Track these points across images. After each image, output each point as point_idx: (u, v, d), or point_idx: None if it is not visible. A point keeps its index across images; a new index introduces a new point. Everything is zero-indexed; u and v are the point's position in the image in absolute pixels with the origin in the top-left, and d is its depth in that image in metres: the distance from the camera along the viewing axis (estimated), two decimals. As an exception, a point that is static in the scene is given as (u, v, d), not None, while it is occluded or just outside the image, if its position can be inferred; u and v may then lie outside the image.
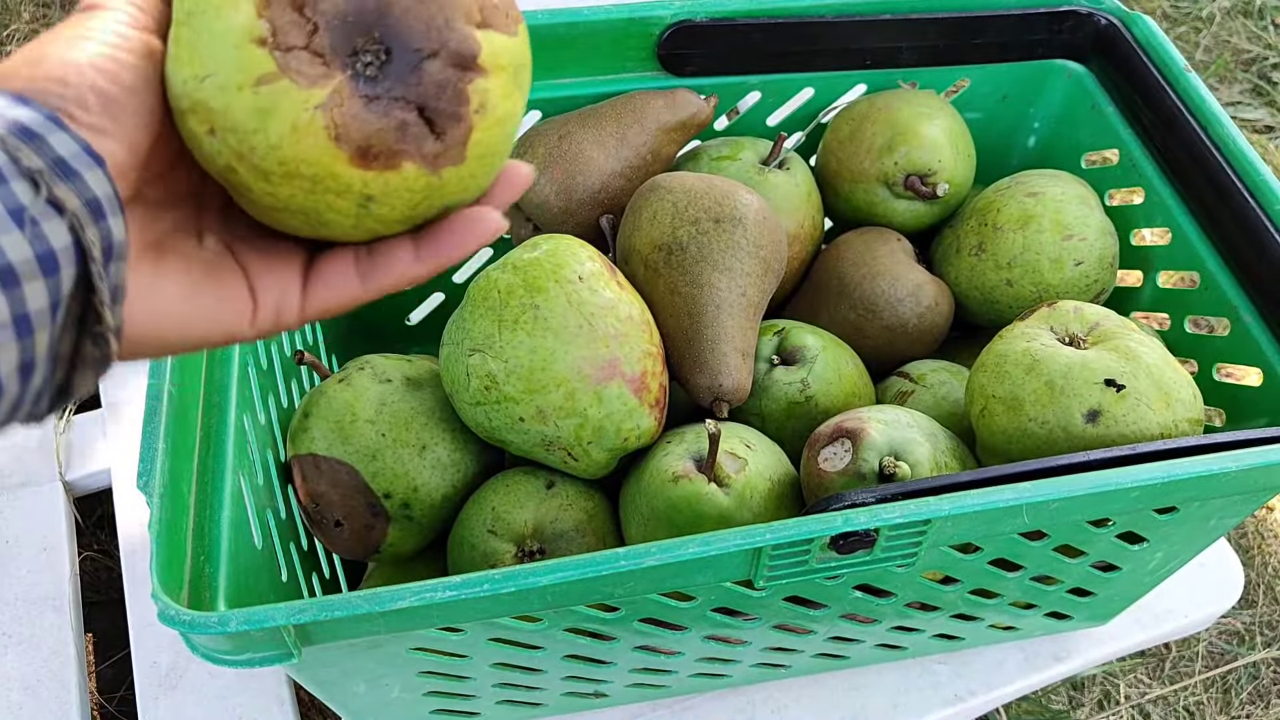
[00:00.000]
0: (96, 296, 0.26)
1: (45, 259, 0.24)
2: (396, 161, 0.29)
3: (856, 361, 0.62)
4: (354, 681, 0.49)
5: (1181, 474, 0.44)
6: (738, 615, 0.51)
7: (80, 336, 0.26)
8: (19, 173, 0.24)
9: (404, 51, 0.28)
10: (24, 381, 0.25)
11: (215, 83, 0.28)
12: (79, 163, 0.25)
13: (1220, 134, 0.59)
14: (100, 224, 0.26)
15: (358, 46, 0.28)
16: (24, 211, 0.24)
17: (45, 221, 0.24)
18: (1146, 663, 1.09)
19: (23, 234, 0.24)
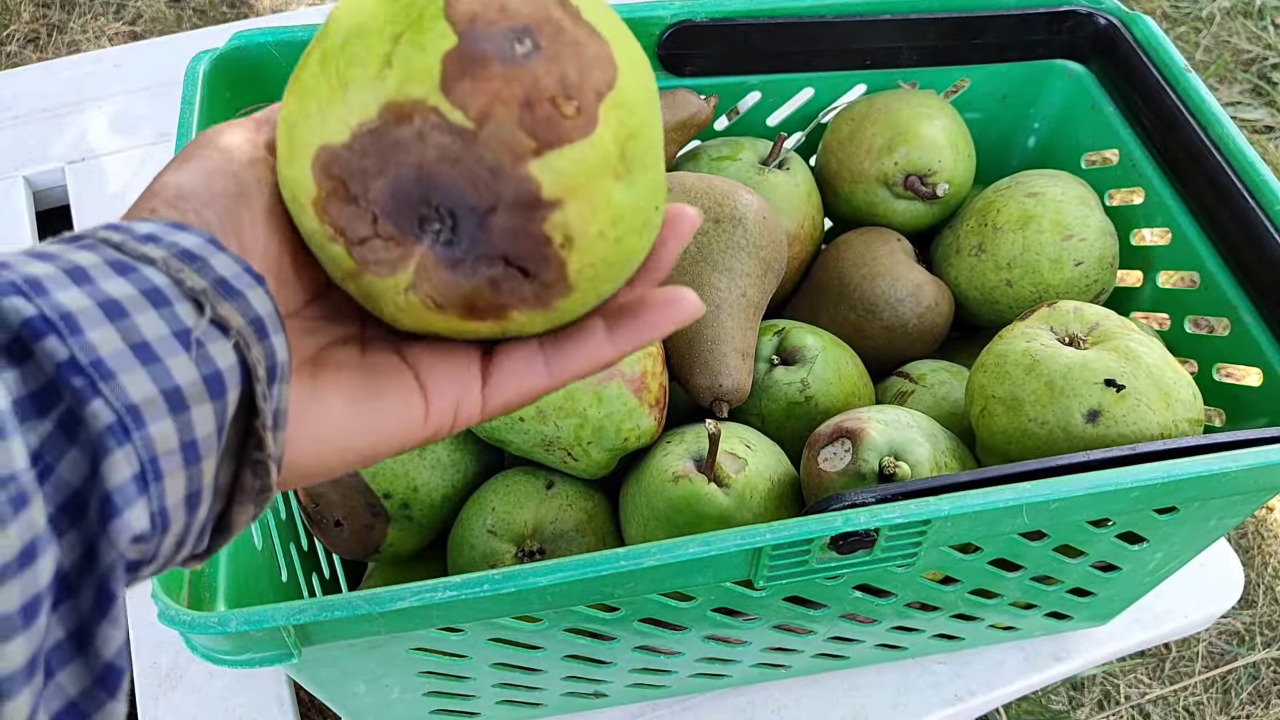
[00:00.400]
0: (259, 420, 0.25)
1: (212, 380, 0.23)
2: (504, 313, 0.28)
3: (856, 362, 0.62)
4: (354, 682, 0.49)
5: (1181, 474, 0.44)
6: (738, 615, 0.51)
7: (239, 466, 0.25)
8: (182, 294, 0.24)
9: (465, 212, 0.27)
10: (190, 513, 0.24)
11: (332, 275, 0.29)
12: (240, 282, 0.25)
13: (1220, 134, 0.59)
14: (264, 342, 0.25)
15: (424, 216, 0.27)
16: (189, 333, 0.23)
17: (210, 343, 0.24)
18: (1146, 663, 1.08)
19: (189, 356, 0.23)
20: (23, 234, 0.87)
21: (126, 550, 0.21)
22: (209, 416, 0.23)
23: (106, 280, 0.23)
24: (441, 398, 0.30)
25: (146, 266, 0.24)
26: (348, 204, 0.27)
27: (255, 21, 1.16)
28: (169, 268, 0.24)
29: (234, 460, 0.25)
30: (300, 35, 0.58)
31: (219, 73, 0.56)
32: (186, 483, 0.23)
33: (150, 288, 0.23)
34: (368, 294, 0.28)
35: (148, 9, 1.74)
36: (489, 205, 0.26)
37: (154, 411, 0.22)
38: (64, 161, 0.92)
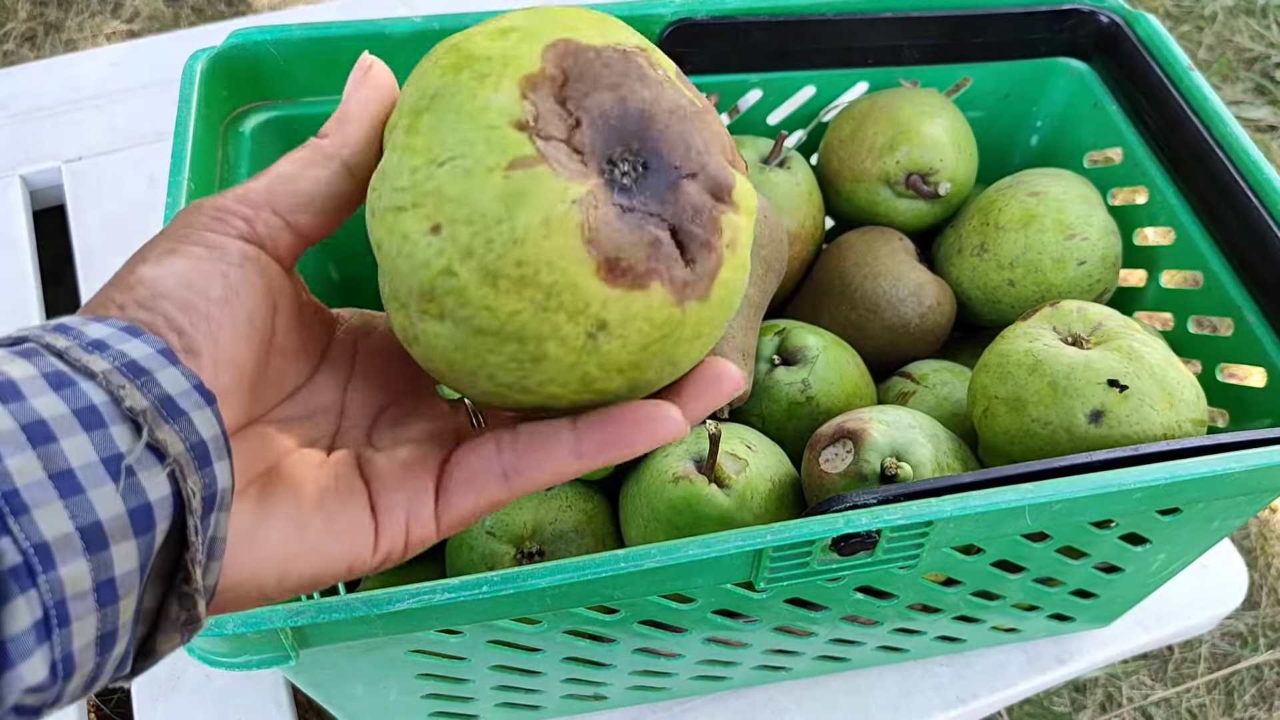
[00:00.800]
0: (189, 553, 0.23)
1: (138, 514, 0.21)
2: (646, 281, 0.26)
3: (858, 362, 0.62)
4: (352, 684, 0.49)
5: (1185, 475, 0.44)
6: (738, 617, 0.51)
7: (166, 593, 0.23)
8: (120, 415, 0.22)
9: (663, 168, 0.26)
10: (103, 653, 0.21)
11: (459, 166, 0.25)
12: (187, 402, 0.23)
13: (1223, 133, 0.59)
14: (204, 470, 0.23)
15: (614, 155, 0.26)
16: (120, 460, 0.21)
17: (143, 471, 0.22)
18: (1149, 664, 1.08)
19: (116, 486, 0.21)
20: (19, 234, 0.87)
21: (21, 699, 0.20)
22: (132, 553, 0.21)
23: (38, 396, 0.21)
24: (393, 521, 0.28)
25: (86, 381, 0.22)
26: (557, 102, 0.26)
27: (253, 19, 1.16)
28: (109, 383, 0.22)
29: (161, 585, 0.23)
30: (299, 33, 0.58)
31: (217, 71, 0.56)
32: (99, 623, 0.21)
33: (85, 406, 0.21)
34: (516, 193, 0.25)
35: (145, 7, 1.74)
36: (691, 171, 0.27)
37: (67, 551, 0.20)
38: (61, 161, 0.92)
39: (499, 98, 0.25)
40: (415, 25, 0.59)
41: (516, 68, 0.26)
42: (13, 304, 0.82)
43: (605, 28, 0.28)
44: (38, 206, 0.92)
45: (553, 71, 0.26)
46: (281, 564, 0.26)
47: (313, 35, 0.58)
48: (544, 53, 0.26)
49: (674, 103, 0.27)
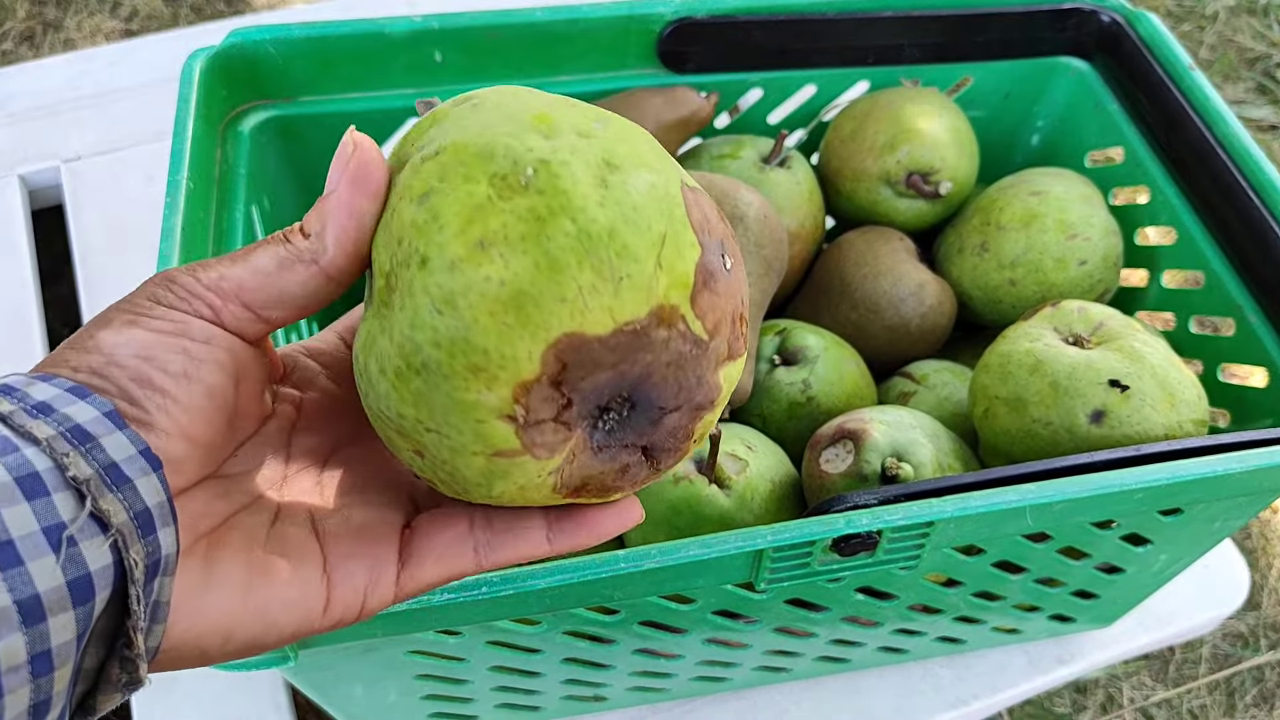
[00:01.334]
0: (130, 620, 0.22)
1: (78, 586, 0.21)
2: (609, 493, 0.29)
3: (858, 362, 0.61)
4: (351, 685, 0.49)
5: (1186, 475, 0.44)
6: (739, 618, 0.51)
7: (108, 656, 0.23)
8: (63, 482, 0.21)
9: (648, 408, 0.27)
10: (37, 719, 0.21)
11: (446, 442, 0.26)
12: (132, 468, 0.23)
13: (1225, 133, 0.59)
14: (148, 539, 0.23)
15: (605, 404, 0.27)
16: (62, 530, 0.21)
17: (85, 541, 0.21)
18: (1150, 665, 1.08)
19: (56, 558, 0.21)
20: (18, 233, 0.87)
21: None
22: (69, 624, 0.21)
23: None
24: (348, 586, 0.28)
25: (29, 447, 0.21)
26: (551, 385, 0.25)
27: (252, 18, 1.16)
28: (53, 450, 0.22)
29: (103, 646, 0.23)
30: (298, 33, 0.58)
31: (215, 70, 0.56)
32: (32, 694, 0.21)
33: (28, 474, 0.21)
34: (498, 473, 0.27)
35: (144, 6, 1.74)
36: (676, 405, 0.27)
37: (3, 625, 0.20)
38: (59, 160, 0.91)
39: (491, 398, 0.25)
40: (415, 25, 0.59)
41: (513, 372, 0.25)
42: (12, 304, 0.82)
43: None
44: (36, 206, 0.92)
45: (551, 369, 0.25)
46: (226, 628, 0.26)
47: (312, 34, 0.58)
48: (545, 354, 0.25)
49: (677, 350, 0.26)
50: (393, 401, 0.26)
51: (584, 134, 0.26)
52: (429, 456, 0.27)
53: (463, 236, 0.25)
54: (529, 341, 0.24)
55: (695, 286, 0.26)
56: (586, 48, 0.64)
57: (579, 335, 0.25)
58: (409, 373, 0.26)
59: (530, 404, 0.25)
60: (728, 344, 0.27)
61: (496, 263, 0.24)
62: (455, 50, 0.61)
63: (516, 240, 0.24)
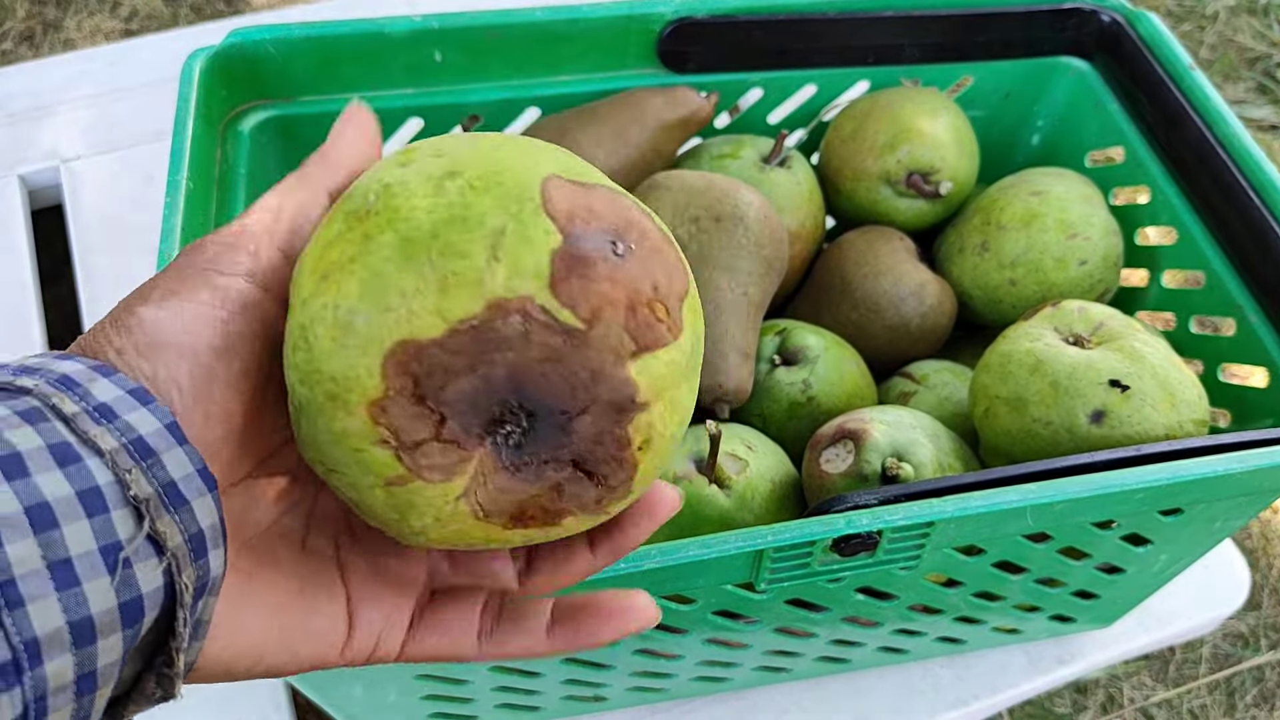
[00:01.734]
0: (175, 641, 0.23)
1: (129, 608, 0.21)
2: (557, 520, 0.27)
3: (859, 362, 0.61)
4: (350, 685, 0.49)
5: (1187, 475, 0.44)
6: (739, 618, 0.51)
7: (144, 669, 0.23)
8: (123, 499, 0.21)
9: (549, 414, 0.25)
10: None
11: (344, 478, 0.26)
12: (190, 488, 0.22)
13: (1225, 132, 0.59)
14: (199, 562, 0.22)
15: (496, 415, 0.25)
16: (119, 550, 0.21)
17: (139, 563, 0.21)
18: (1151, 665, 1.08)
19: (111, 580, 0.21)
20: (18, 233, 0.87)
21: None
22: (117, 645, 0.21)
23: (43, 473, 0.20)
24: (366, 630, 0.28)
25: (93, 458, 0.21)
26: (414, 404, 0.24)
27: (252, 18, 1.16)
28: (116, 465, 0.21)
29: (140, 660, 0.23)
30: (298, 32, 0.58)
31: (215, 70, 0.56)
32: (74, 712, 0.21)
33: (90, 488, 0.21)
34: (403, 504, 0.26)
35: (143, 6, 1.74)
36: (581, 407, 0.25)
37: (55, 647, 0.20)
38: (59, 160, 0.91)
39: (354, 423, 0.24)
40: (415, 25, 0.59)
41: (360, 393, 0.24)
42: (11, 304, 0.82)
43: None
44: (36, 206, 0.92)
45: (399, 383, 0.24)
46: (258, 652, 0.26)
47: (312, 34, 0.58)
48: (383, 367, 0.24)
49: (543, 343, 0.24)
50: (304, 449, 0.26)
51: (440, 153, 0.26)
52: (345, 497, 0.26)
53: (313, 274, 0.25)
54: (365, 356, 0.24)
55: (556, 275, 0.24)
56: (586, 48, 0.64)
57: (412, 342, 0.24)
58: (296, 415, 0.26)
59: (394, 423, 0.24)
60: (628, 333, 0.25)
61: (332, 290, 0.25)
62: (455, 50, 0.61)
63: (347, 263, 0.25)
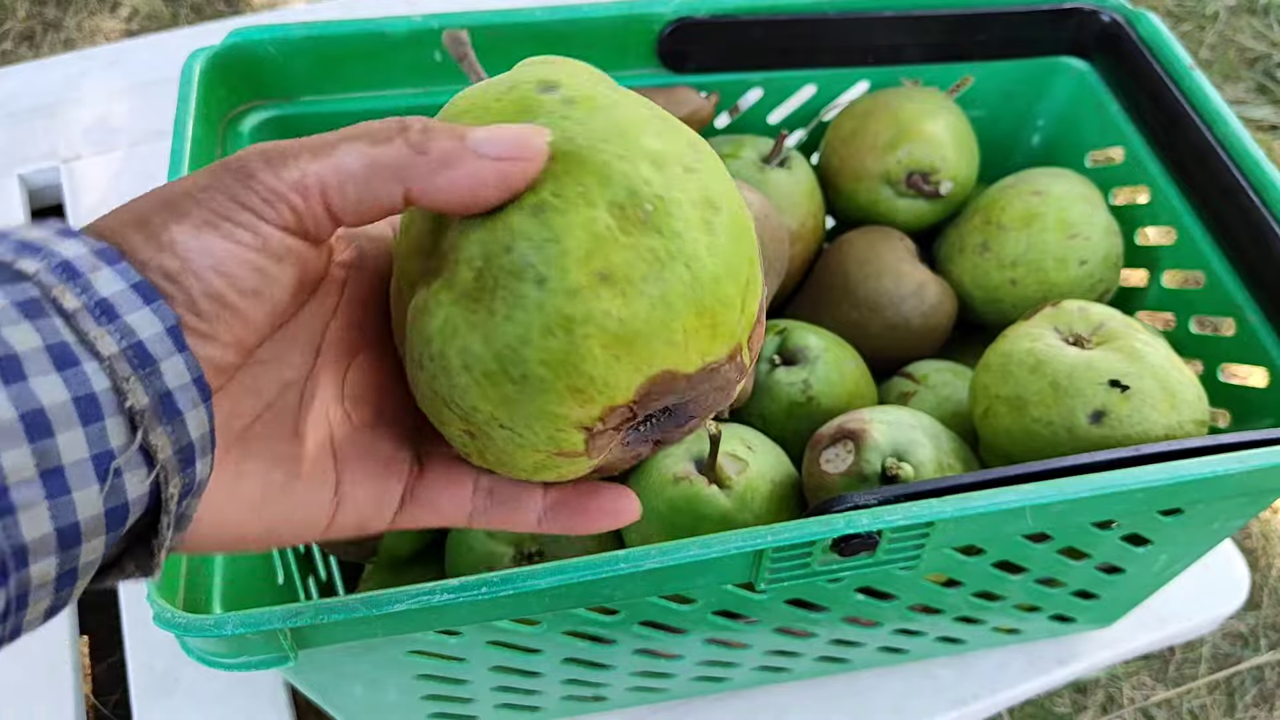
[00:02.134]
0: (156, 538, 0.23)
1: (114, 514, 0.22)
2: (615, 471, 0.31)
3: (859, 362, 0.61)
4: (351, 685, 0.49)
5: (1187, 475, 0.44)
6: (739, 618, 0.51)
7: (123, 554, 0.24)
8: (118, 408, 0.21)
9: (682, 417, 0.30)
10: (47, 617, 0.22)
11: (514, 439, 0.28)
12: (185, 398, 0.22)
13: (1225, 132, 0.59)
14: (187, 471, 0.23)
15: (654, 415, 0.29)
16: (110, 460, 0.21)
17: (129, 473, 0.22)
18: (1150, 665, 1.08)
19: (100, 489, 0.21)
20: (19, 233, 0.87)
21: None
22: (99, 547, 0.22)
23: (40, 377, 0.20)
24: (353, 511, 0.29)
25: (91, 362, 0.21)
26: (631, 410, 0.28)
27: (252, 18, 1.16)
28: (114, 372, 0.21)
29: (121, 546, 0.24)
30: (298, 33, 0.58)
31: (215, 70, 0.56)
32: (51, 601, 0.22)
33: (86, 395, 0.21)
34: (551, 466, 0.29)
35: (143, 6, 1.74)
36: (703, 414, 0.30)
37: (41, 551, 0.20)
38: (59, 160, 0.91)
39: (580, 413, 0.27)
40: (415, 24, 0.59)
41: (608, 398, 0.27)
42: (11, 303, 0.82)
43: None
44: (36, 206, 0.92)
45: (641, 397, 0.27)
46: (236, 535, 0.27)
47: (312, 34, 0.58)
48: (641, 387, 0.27)
49: (725, 379, 0.29)
50: (469, 395, 0.27)
51: (689, 168, 0.28)
52: (482, 441, 0.28)
53: (585, 266, 0.25)
54: (632, 374, 0.27)
55: (756, 322, 0.29)
56: (586, 47, 0.64)
57: (673, 372, 0.27)
58: (503, 378, 0.27)
59: (609, 420, 0.27)
60: (739, 366, 0.29)
61: (617, 299, 0.26)
62: (455, 50, 0.61)
63: (638, 280, 0.26)
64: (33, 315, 0.21)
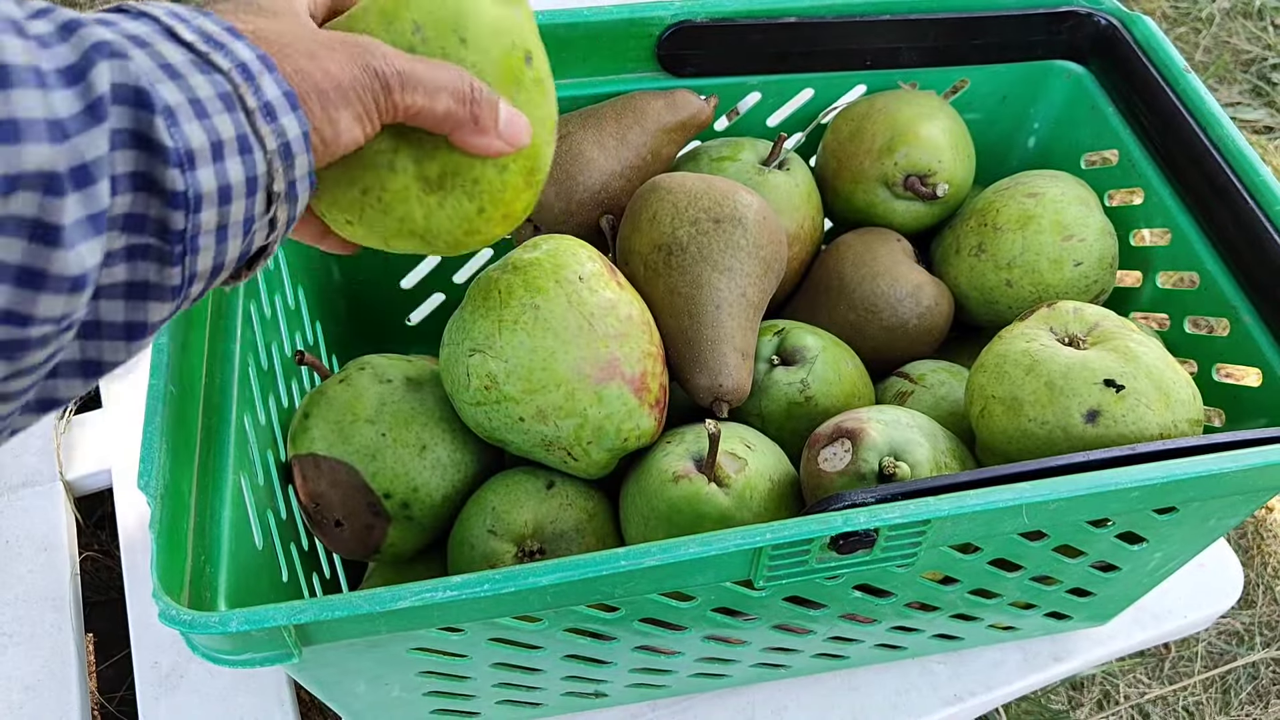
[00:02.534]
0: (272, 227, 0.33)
1: (243, 257, 0.32)
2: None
3: (856, 362, 0.62)
4: (354, 681, 0.49)
5: (1181, 474, 0.44)
6: (737, 615, 0.51)
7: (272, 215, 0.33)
8: (266, 189, 0.31)
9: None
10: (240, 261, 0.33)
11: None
12: (302, 186, 0.33)
13: (1220, 134, 0.59)
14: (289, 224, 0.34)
15: None
16: (252, 224, 0.31)
17: (259, 232, 0.32)
18: (1146, 663, 1.09)
19: (243, 241, 0.31)
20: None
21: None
22: (242, 209, 0.31)
23: (231, 159, 0.29)
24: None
25: (259, 152, 0.30)
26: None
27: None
28: (270, 164, 0.31)
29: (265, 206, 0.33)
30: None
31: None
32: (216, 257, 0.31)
33: (253, 176, 0.30)
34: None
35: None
36: None
37: (201, 279, 0.31)
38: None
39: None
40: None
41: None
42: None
43: None
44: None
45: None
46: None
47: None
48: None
49: None
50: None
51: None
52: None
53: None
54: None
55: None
56: (586, 51, 0.65)
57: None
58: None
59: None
60: None
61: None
62: (457, 53, 0.61)
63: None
64: (230, 108, 0.30)
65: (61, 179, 0.25)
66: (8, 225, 0.24)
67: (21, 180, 0.24)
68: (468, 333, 0.51)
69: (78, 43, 0.26)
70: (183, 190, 0.28)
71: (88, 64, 0.26)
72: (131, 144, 0.27)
